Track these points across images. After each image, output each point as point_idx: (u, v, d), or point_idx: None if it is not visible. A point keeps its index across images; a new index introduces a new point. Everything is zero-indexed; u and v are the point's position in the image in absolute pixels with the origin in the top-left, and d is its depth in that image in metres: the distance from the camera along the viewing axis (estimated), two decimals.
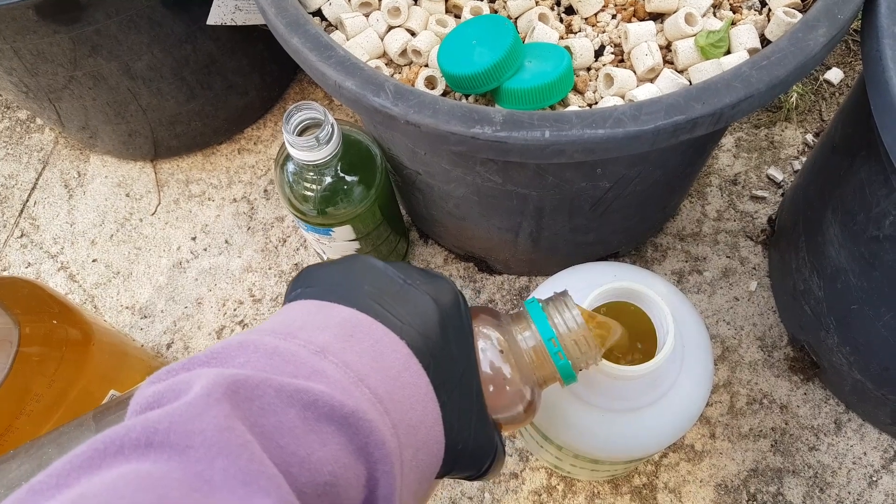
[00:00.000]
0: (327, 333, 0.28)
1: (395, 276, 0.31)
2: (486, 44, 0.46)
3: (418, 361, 0.29)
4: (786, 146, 0.78)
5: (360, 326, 0.28)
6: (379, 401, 0.26)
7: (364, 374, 0.27)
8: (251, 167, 0.81)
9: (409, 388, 0.28)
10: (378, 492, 0.25)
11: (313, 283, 0.31)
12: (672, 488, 0.62)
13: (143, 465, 0.20)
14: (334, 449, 0.24)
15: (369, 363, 0.27)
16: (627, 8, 0.49)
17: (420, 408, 0.28)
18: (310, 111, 0.52)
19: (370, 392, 0.26)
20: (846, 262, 0.52)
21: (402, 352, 0.28)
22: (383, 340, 0.28)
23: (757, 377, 0.66)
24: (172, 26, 0.65)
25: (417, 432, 0.28)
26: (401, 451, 0.27)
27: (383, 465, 0.25)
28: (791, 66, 0.41)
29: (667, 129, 0.40)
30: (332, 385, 0.25)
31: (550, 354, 0.33)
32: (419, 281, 0.32)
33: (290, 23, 0.46)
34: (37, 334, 0.50)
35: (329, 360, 0.26)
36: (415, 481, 0.28)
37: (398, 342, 0.29)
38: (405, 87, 0.43)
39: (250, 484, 0.20)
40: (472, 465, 0.31)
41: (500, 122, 0.41)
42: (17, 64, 0.64)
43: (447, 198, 0.59)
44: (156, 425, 0.21)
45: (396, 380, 0.28)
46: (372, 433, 0.25)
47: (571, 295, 0.36)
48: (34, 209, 0.81)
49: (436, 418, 0.29)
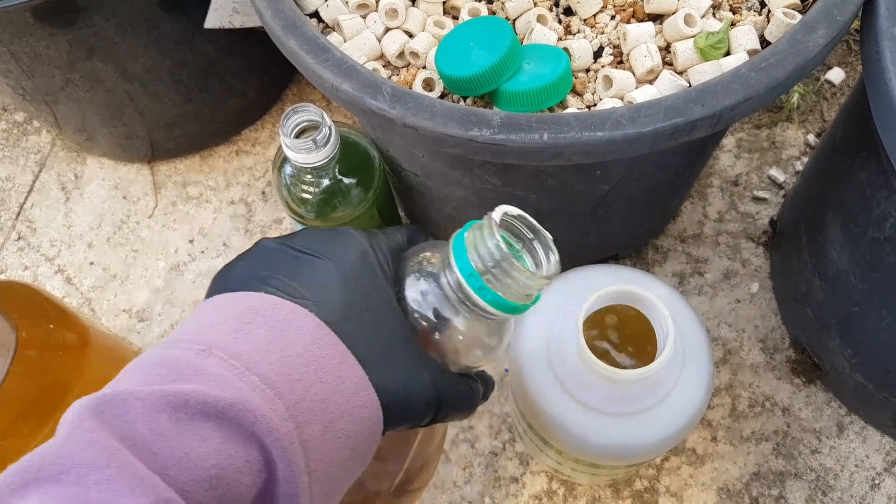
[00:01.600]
0: (222, 328, 0.28)
1: (289, 251, 0.32)
2: (484, 45, 0.45)
3: (331, 331, 0.29)
4: (787, 147, 0.77)
5: (260, 311, 0.29)
6: (269, 386, 0.27)
7: (254, 361, 0.27)
8: (249, 169, 0.81)
9: (316, 362, 0.28)
10: (277, 474, 0.26)
11: (223, 278, 0.32)
12: (674, 492, 0.62)
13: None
14: (216, 443, 0.25)
15: (264, 348, 0.28)
16: (626, 9, 0.49)
17: (332, 379, 0.28)
18: (307, 113, 0.51)
19: (259, 379, 0.27)
20: (848, 264, 0.52)
21: (308, 326, 0.29)
22: (287, 319, 0.29)
23: (759, 380, 0.66)
24: (169, 28, 0.65)
25: (328, 406, 0.28)
26: (301, 430, 0.27)
27: (276, 450, 0.26)
28: (790, 68, 0.41)
29: (665, 131, 0.40)
30: (210, 382, 0.26)
31: (473, 291, 0.30)
32: (318, 245, 0.32)
33: (287, 25, 0.46)
34: (34, 338, 0.50)
35: (214, 357, 0.27)
36: (334, 451, 0.28)
37: (305, 317, 0.29)
38: (402, 90, 0.43)
39: (124, 489, 0.21)
40: (422, 412, 0.31)
41: (498, 124, 0.41)
42: (14, 66, 0.63)
43: (446, 200, 0.58)
44: (28, 465, 0.22)
45: (300, 357, 0.28)
46: (257, 421, 0.25)
47: (549, 271, 0.33)
48: (31, 212, 0.81)
49: (358, 383, 0.29)
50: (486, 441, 0.65)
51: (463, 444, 0.64)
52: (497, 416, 0.65)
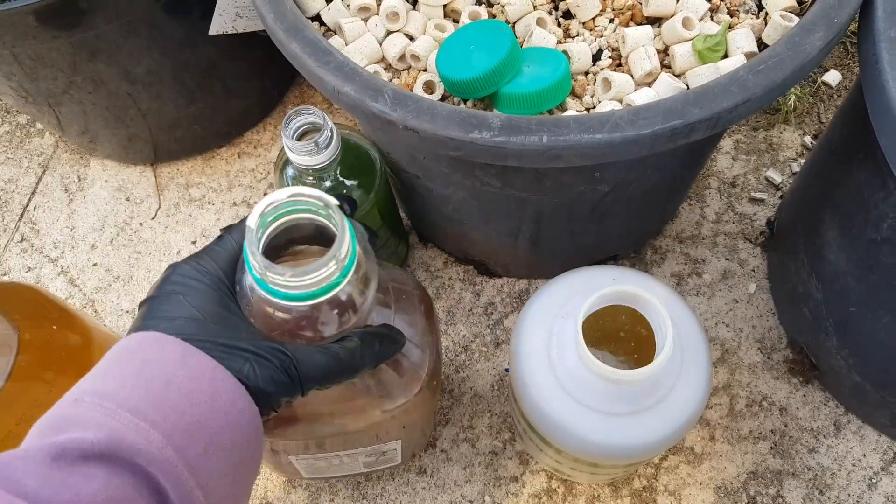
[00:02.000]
0: (95, 373, 0.31)
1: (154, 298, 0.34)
2: (484, 48, 0.46)
3: (198, 350, 0.31)
4: (784, 148, 0.78)
5: (130, 349, 0.31)
6: (142, 418, 0.29)
7: (123, 398, 0.29)
8: (251, 171, 0.81)
9: (187, 385, 0.30)
10: (170, 498, 0.28)
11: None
12: (672, 491, 0.62)
13: None
14: (102, 480, 0.27)
15: (132, 383, 0.30)
16: (625, 12, 0.50)
17: (206, 399, 0.30)
18: (309, 116, 0.52)
19: (130, 415, 0.29)
20: (845, 265, 0.53)
21: (175, 350, 0.31)
22: (153, 350, 0.31)
23: (756, 379, 0.66)
24: (172, 31, 0.65)
25: (206, 425, 0.30)
26: (183, 453, 0.29)
27: (162, 476, 0.28)
28: (788, 70, 0.41)
29: (664, 133, 0.40)
30: (84, 427, 0.28)
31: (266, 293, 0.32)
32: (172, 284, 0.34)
33: (289, 28, 0.46)
34: (36, 340, 0.50)
35: (85, 403, 0.29)
36: (223, 462, 0.30)
37: (171, 342, 0.31)
38: (403, 93, 0.43)
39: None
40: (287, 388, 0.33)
41: (499, 127, 0.41)
42: (17, 69, 0.64)
43: (446, 201, 0.59)
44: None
45: (169, 385, 0.30)
46: (137, 454, 0.28)
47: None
48: (34, 213, 0.81)
49: (233, 393, 0.31)
50: (487, 440, 0.65)
51: (463, 444, 0.65)
52: (497, 415, 0.66)
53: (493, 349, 0.69)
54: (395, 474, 0.64)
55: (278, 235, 0.34)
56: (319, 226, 0.34)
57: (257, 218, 0.31)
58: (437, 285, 0.73)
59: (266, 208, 0.32)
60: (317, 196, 0.32)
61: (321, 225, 0.33)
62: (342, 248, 0.31)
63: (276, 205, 0.32)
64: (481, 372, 0.68)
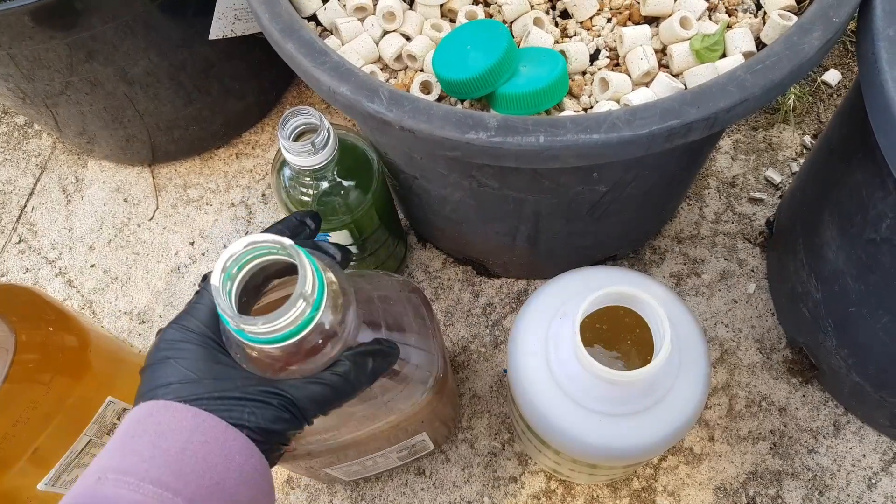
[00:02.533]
0: (113, 449, 0.32)
1: (151, 366, 0.35)
2: (481, 48, 0.45)
3: (209, 414, 0.32)
4: (784, 148, 0.77)
5: (142, 420, 0.32)
6: (164, 488, 0.30)
7: (144, 471, 0.30)
8: (249, 172, 0.81)
9: (202, 450, 0.31)
10: None
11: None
12: (671, 491, 0.62)
13: None
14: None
15: (150, 455, 0.31)
16: (623, 12, 0.49)
17: (220, 460, 0.31)
18: (305, 116, 0.51)
19: (153, 486, 0.30)
20: (844, 265, 0.52)
21: (186, 417, 0.32)
22: (165, 419, 0.32)
23: (755, 380, 0.66)
24: (169, 31, 0.65)
25: (224, 484, 0.31)
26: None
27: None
28: (786, 70, 0.41)
29: (661, 133, 0.40)
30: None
31: (244, 339, 0.33)
32: (163, 351, 0.35)
33: (284, 28, 0.46)
34: (33, 341, 0.50)
35: (108, 481, 0.30)
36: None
37: (182, 409, 0.32)
38: (399, 93, 0.43)
39: None
40: (291, 423, 0.34)
41: (495, 127, 0.41)
42: (14, 70, 0.64)
43: (444, 202, 0.59)
44: None
45: (184, 451, 0.31)
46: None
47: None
48: (32, 215, 0.81)
49: (245, 450, 0.32)
50: (486, 441, 0.65)
51: (462, 445, 0.65)
52: (496, 416, 0.66)
53: (492, 350, 0.69)
54: (394, 475, 0.64)
55: (255, 275, 0.34)
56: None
57: (220, 274, 0.32)
58: (436, 286, 0.72)
59: (227, 262, 0.32)
60: (272, 240, 0.33)
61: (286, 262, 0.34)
62: (306, 285, 0.32)
63: (235, 256, 0.33)
64: (480, 372, 0.68)
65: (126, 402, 0.57)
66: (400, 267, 0.73)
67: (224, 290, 0.32)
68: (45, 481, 0.53)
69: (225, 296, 0.32)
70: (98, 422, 0.55)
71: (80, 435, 0.54)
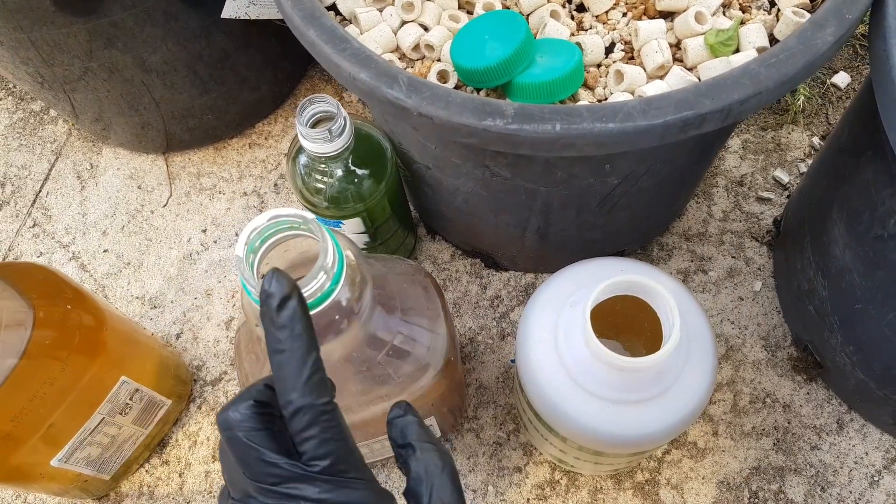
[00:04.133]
0: None
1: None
2: (498, 39, 0.46)
3: None
4: (792, 149, 0.78)
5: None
6: None
7: None
8: (262, 161, 0.82)
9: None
10: None
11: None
12: (674, 484, 0.62)
13: None
14: None
15: None
16: (638, 6, 0.50)
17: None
18: (323, 104, 0.52)
19: None
20: (851, 262, 0.53)
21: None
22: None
23: (760, 376, 0.67)
24: (187, 20, 0.66)
25: None
26: None
27: None
28: (799, 65, 0.42)
29: (676, 123, 0.41)
30: None
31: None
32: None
33: (306, 15, 0.47)
34: (51, 319, 0.51)
35: None
36: None
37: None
38: (418, 80, 0.44)
39: None
40: None
41: (512, 114, 0.42)
42: (34, 54, 0.65)
43: (456, 193, 0.59)
44: None
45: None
46: None
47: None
48: (47, 199, 0.82)
49: None
50: (491, 431, 0.65)
51: (468, 434, 0.65)
52: (502, 407, 0.66)
53: (499, 341, 0.70)
54: None
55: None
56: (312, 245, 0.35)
57: (244, 245, 0.33)
58: (444, 278, 0.73)
59: (251, 235, 0.33)
60: (293, 214, 0.33)
61: (307, 239, 0.34)
62: (327, 258, 0.32)
63: (259, 229, 0.33)
64: (487, 364, 0.69)
65: (138, 382, 0.58)
66: (409, 258, 0.73)
67: (247, 262, 0.33)
68: (59, 458, 0.54)
69: (248, 267, 0.33)
70: (111, 401, 0.56)
71: (93, 413, 0.55)
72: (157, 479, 0.66)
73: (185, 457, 0.66)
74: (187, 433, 0.67)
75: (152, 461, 0.66)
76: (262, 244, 0.34)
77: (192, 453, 0.66)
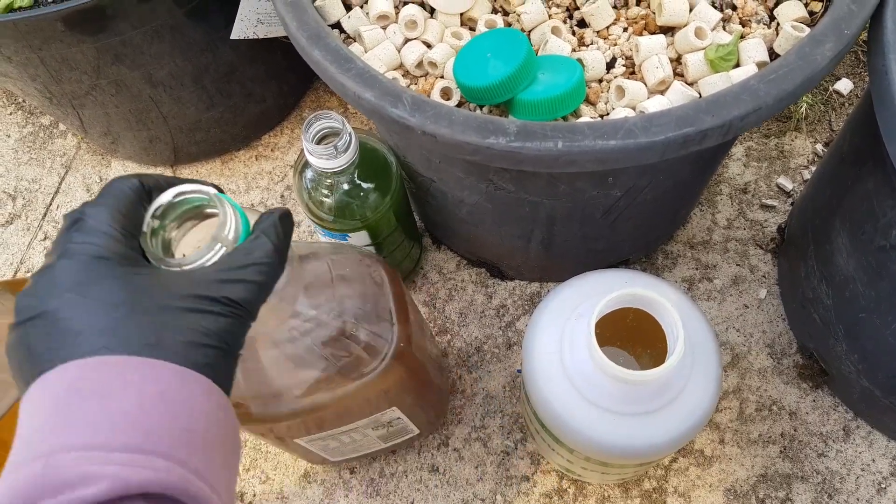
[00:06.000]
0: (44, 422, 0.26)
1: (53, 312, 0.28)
2: (500, 56, 0.47)
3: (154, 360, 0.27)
4: (795, 156, 0.78)
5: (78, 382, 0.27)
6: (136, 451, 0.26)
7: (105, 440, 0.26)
8: (268, 173, 0.83)
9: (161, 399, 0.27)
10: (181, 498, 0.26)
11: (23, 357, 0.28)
12: (682, 492, 0.63)
13: None
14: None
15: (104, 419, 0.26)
16: (639, 21, 0.51)
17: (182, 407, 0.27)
18: (328, 120, 0.53)
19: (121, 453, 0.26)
20: (854, 271, 0.53)
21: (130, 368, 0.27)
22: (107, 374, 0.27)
23: (766, 384, 0.67)
24: (194, 36, 0.67)
25: (194, 428, 0.28)
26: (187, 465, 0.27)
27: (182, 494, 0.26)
28: (798, 80, 0.42)
29: (677, 140, 0.41)
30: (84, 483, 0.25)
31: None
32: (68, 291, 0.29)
33: (311, 36, 0.48)
34: None
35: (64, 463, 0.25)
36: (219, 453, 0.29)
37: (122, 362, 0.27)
38: (422, 99, 0.44)
39: None
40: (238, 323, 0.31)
41: (514, 132, 0.42)
42: (42, 71, 0.66)
43: (460, 205, 0.60)
44: None
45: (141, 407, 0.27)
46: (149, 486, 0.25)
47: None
48: (57, 213, 0.83)
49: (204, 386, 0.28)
50: (499, 440, 0.66)
51: (476, 443, 0.66)
52: (509, 416, 0.67)
53: (505, 350, 0.70)
54: (409, 472, 0.65)
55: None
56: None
57: (149, 220, 0.32)
58: (450, 287, 0.74)
59: (156, 210, 0.33)
60: (198, 189, 0.33)
61: (214, 213, 0.34)
62: (225, 230, 0.32)
63: (164, 206, 0.33)
64: (493, 373, 0.69)
65: None
66: (415, 268, 0.74)
67: (156, 238, 0.32)
68: None
69: (153, 244, 0.32)
70: None
71: None
72: None
73: None
74: None
75: None
76: (167, 217, 0.33)
77: None
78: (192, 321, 0.29)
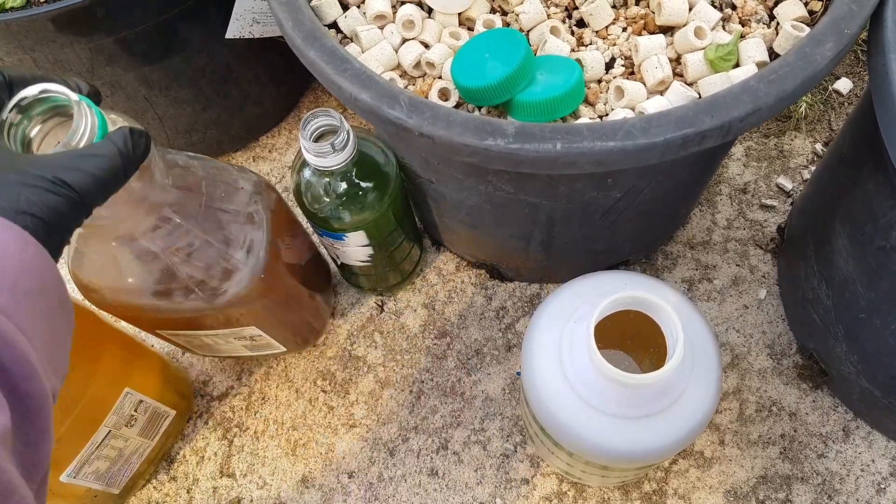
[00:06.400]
0: None
1: None
2: (498, 56, 0.46)
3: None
4: (795, 155, 0.78)
5: None
6: None
7: None
8: (266, 174, 0.82)
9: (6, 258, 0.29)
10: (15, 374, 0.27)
11: None
12: (682, 494, 0.63)
13: None
14: None
15: None
16: (638, 21, 0.50)
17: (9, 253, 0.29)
18: (326, 118, 0.53)
19: None
20: (854, 272, 0.53)
21: None
22: None
23: (766, 385, 0.67)
24: (189, 36, 0.67)
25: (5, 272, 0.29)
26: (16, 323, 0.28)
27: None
28: (798, 80, 0.42)
29: (676, 141, 0.41)
30: None
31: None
32: None
33: (307, 36, 0.47)
34: None
35: None
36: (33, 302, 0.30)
37: None
38: (419, 100, 0.44)
39: None
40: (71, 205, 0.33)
41: (513, 134, 0.42)
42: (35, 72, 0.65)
43: (459, 206, 0.60)
44: None
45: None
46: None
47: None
48: None
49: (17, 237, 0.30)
50: (498, 443, 0.66)
51: (475, 446, 0.66)
52: (509, 418, 0.66)
53: (505, 353, 0.70)
54: (407, 475, 0.65)
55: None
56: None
57: (9, 113, 0.34)
58: (450, 289, 0.73)
59: (20, 101, 0.34)
60: (62, 91, 0.35)
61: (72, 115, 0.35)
62: (77, 136, 0.34)
63: (29, 100, 0.34)
64: (493, 375, 0.69)
65: (142, 393, 0.59)
66: (415, 269, 0.73)
67: (10, 131, 0.34)
68: (68, 473, 0.54)
69: (11, 136, 0.34)
70: (117, 413, 0.56)
71: (99, 426, 0.55)
72: (165, 495, 0.66)
73: (192, 473, 0.67)
74: (194, 449, 0.68)
75: (160, 477, 0.67)
76: (30, 113, 0.35)
77: (200, 469, 0.67)
78: (20, 191, 0.31)
